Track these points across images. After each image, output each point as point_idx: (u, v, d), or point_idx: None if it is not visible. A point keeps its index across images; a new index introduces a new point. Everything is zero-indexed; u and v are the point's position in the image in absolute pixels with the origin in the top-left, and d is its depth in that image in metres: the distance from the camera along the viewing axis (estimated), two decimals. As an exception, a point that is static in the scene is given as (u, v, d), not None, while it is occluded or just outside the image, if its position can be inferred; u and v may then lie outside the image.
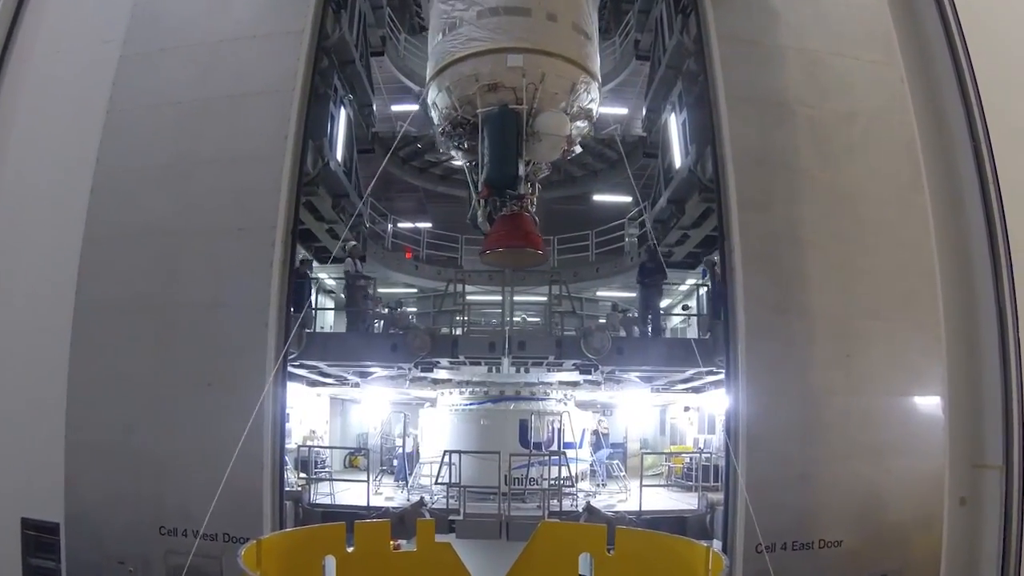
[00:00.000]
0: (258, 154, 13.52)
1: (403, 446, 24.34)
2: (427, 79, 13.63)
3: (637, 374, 19.48)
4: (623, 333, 18.41)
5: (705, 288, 19.54)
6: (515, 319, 18.95)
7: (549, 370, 18.89)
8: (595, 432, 24.34)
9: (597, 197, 29.05)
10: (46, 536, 13.05)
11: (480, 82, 12.67)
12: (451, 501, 16.77)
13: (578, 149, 17.87)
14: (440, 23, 13.26)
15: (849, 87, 14.55)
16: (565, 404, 21.82)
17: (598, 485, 21.60)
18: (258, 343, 12.62)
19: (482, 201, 13.31)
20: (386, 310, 20.39)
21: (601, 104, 14.52)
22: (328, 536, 10.10)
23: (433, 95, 13.37)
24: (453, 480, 17.25)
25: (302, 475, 19.05)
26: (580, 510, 16.46)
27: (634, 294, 24.83)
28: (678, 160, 19.24)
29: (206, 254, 13.26)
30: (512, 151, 12.70)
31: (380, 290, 24.27)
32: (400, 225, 27.17)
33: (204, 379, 12.61)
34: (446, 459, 17.61)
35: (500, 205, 13.24)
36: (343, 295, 20.12)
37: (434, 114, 13.87)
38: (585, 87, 13.17)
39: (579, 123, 14.26)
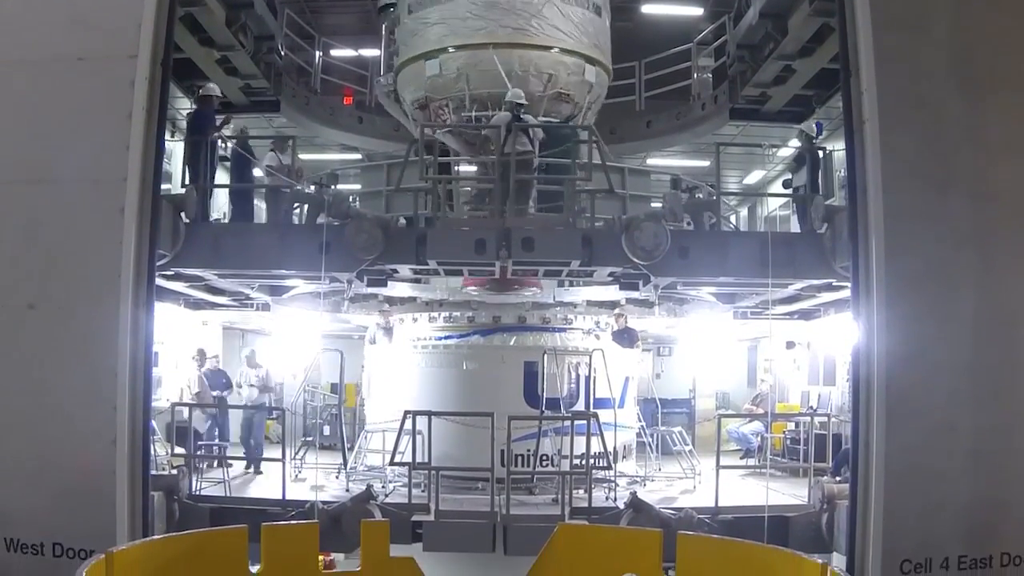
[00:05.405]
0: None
1: (339, 403, 24.38)
2: None
3: (711, 289, 19.43)
4: (689, 224, 18.13)
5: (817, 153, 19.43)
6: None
7: (572, 283, 18.85)
8: (623, 332, 22.51)
9: (648, 8, 28.75)
10: None
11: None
12: (416, 492, 16.77)
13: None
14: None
15: None
16: (597, 338, 21.74)
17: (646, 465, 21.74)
18: (108, 241, 12.52)
19: None
20: (312, 188, 20.19)
21: None
22: (221, 546, 10.14)
23: None
24: (419, 459, 17.21)
25: (179, 451, 19.10)
26: (621, 506, 16.53)
27: (707, 162, 24.85)
28: (776, -52, 19.02)
29: (22, 99, 13.09)
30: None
31: (303, 156, 24.11)
32: (335, 53, 26.89)
33: (22, 298, 12.55)
34: (408, 425, 17.37)
35: None
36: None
37: None
38: None
39: None
